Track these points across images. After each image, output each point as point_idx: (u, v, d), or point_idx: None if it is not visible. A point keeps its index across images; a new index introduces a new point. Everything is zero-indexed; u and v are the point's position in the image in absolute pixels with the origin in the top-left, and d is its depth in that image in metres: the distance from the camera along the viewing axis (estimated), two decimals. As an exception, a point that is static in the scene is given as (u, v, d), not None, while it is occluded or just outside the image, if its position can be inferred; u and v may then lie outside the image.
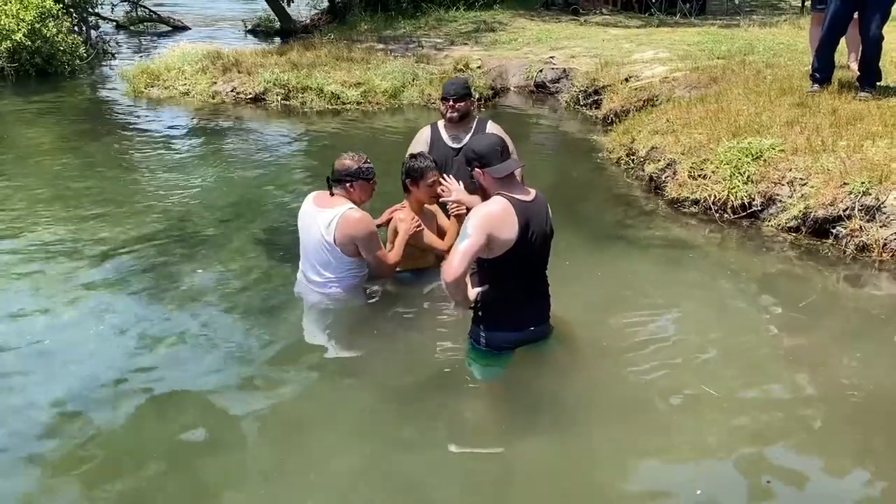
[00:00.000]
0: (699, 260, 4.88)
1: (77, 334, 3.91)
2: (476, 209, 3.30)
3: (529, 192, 3.36)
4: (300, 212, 4.05)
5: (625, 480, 2.99)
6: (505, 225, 3.20)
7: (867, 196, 4.75)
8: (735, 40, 9.68)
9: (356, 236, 3.81)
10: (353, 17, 13.84)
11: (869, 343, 3.85)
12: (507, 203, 3.23)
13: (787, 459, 3.05)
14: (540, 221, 3.32)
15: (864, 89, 6.34)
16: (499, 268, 3.29)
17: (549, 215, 3.43)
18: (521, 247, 3.24)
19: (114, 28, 15.09)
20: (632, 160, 6.40)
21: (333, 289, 3.98)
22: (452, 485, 2.93)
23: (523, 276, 3.37)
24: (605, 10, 14.10)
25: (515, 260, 3.27)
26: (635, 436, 3.17)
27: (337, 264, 3.91)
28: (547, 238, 3.41)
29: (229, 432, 3.20)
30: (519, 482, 2.94)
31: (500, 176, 3.27)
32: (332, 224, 3.80)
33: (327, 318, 4.08)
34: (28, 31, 10.18)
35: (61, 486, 2.91)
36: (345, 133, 8.06)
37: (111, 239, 5.02)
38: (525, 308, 3.44)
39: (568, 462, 3.04)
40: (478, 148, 3.34)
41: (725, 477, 2.97)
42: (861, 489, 2.91)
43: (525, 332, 3.48)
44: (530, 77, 9.72)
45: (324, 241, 3.85)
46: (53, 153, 7.21)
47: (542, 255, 3.43)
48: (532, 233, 3.27)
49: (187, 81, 9.50)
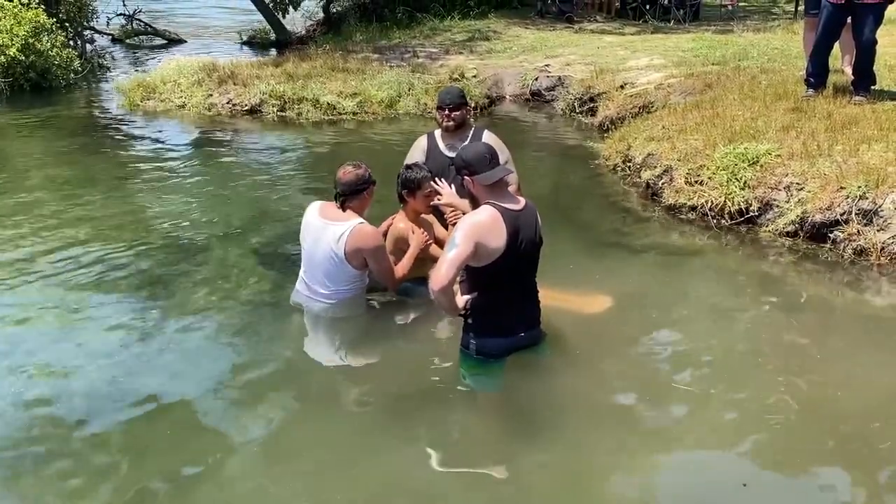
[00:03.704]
0: (696, 266, 4.87)
1: (69, 347, 3.89)
2: (464, 218, 3.33)
3: (519, 201, 3.37)
4: (304, 223, 4.02)
5: (617, 485, 2.98)
6: (493, 234, 3.22)
7: (864, 200, 4.75)
8: (729, 46, 9.70)
9: (366, 249, 3.83)
10: (348, 27, 13.84)
11: (867, 347, 3.84)
12: (495, 212, 3.25)
13: (784, 464, 3.04)
14: (529, 230, 3.35)
15: (858, 93, 6.35)
16: (488, 276, 3.31)
17: (538, 224, 3.45)
18: (510, 255, 3.27)
19: (109, 41, 15.08)
20: (628, 167, 6.40)
21: (337, 299, 3.98)
22: (451, 496, 2.91)
23: (512, 283, 3.39)
24: (599, 17, 14.13)
25: (504, 268, 3.29)
26: (630, 441, 3.17)
27: (343, 276, 3.92)
28: (536, 246, 3.43)
29: (227, 440, 3.18)
30: (515, 490, 2.93)
31: (488, 183, 3.30)
32: (342, 238, 3.81)
33: (329, 327, 4.08)
34: (22, 45, 10.14)
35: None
36: (341, 143, 8.06)
37: (106, 252, 4.99)
38: (514, 314, 3.45)
39: (562, 468, 3.03)
40: (466, 156, 3.39)
41: (725, 478, 2.97)
42: (848, 497, 2.91)
43: (516, 338, 3.48)
44: (526, 85, 9.72)
45: (333, 254, 3.85)
46: (49, 167, 7.19)
47: (531, 262, 3.44)
48: (521, 241, 3.28)
49: (183, 94, 9.48)
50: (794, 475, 3.01)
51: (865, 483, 2.93)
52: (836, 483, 2.97)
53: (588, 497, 2.94)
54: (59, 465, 3.07)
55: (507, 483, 2.98)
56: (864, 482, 2.94)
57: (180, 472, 3.03)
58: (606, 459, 3.10)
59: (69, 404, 3.41)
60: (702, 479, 3.02)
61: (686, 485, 2.98)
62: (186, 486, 2.95)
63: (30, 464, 3.07)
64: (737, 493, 2.89)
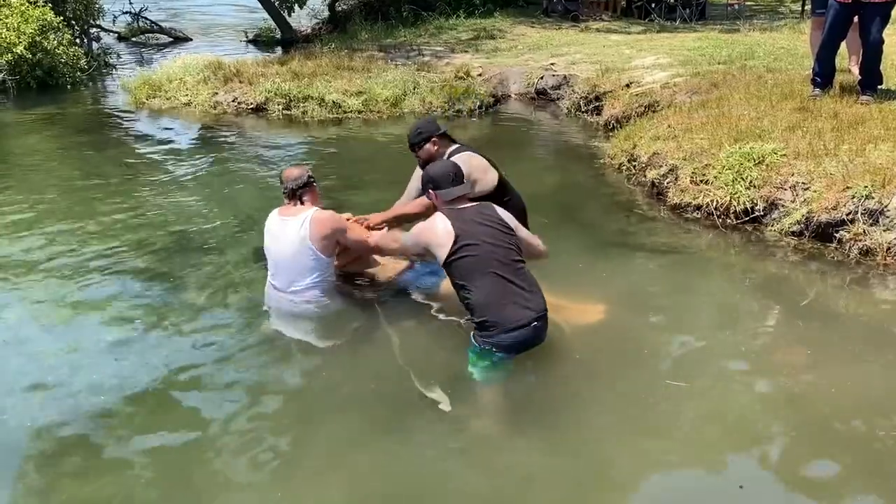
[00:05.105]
0: (701, 265, 4.86)
1: (71, 343, 3.92)
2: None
3: (467, 203, 3.75)
4: (265, 229, 4.12)
5: (617, 485, 2.99)
6: (436, 227, 3.62)
7: (870, 200, 4.73)
8: (735, 45, 9.67)
9: (330, 229, 3.98)
10: (353, 26, 13.87)
11: (872, 348, 3.83)
12: (440, 214, 3.69)
13: (782, 466, 3.04)
14: (480, 220, 3.62)
15: (865, 93, 6.32)
16: (462, 270, 3.54)
17: (496, 214, 3.69)
18: (466, 243, 3.52)
19: (115, 40, 15.13)
20: (633, 166, 6.39)
21: (315, 291, 4.04)
22: (451, 495, 2.91)
23: (492, 275, 3.51)
24: (605, 16, 14.12)
25: (471, 259, 3.51)
26: (629, 441, 3.17)
27: (316, 265, 4.01)
28: (498, 234, 3.60)
29: (224, 442, 3.19)
30: (515, 489, 2.93)
31: (448, 199, 3.71)
32: (304, 226, 3.96)
33: (329, 327, 4.09)
34: (29, 43, 10.19)
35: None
36: (346, 142, 8.07)
37: (110, 249, 5.01)
38: (506, 306, 3.50)
39: (563, 467, 3.04)
40: (433, 172, 3.80)
41: (722, 480, 2.98)
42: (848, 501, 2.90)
43: (516, 332, 3.50)
44: (531, 84, 9.72)
45: (300, 244, 3.96)
46: (54, 164, 7.22)
47: (501, 251, 3.56)
48: (470, 231, 3.56)
49: (189, 92, 9.51)
50: (791, 478, 2.99)
51: (866, 486, 2.92)
52: (834, 487, 2.96)
53: (587, 496, 2.93)
54: (61, 463, 3.08)
55: (508, 482, 2.98)
56: (864, 485, 2.92)
57: (174, 469, 3.04)
58: (607, 459, 3.09)
59: (70, 404, 3.42)
60: (698, 481, 3.02)
61: (682, 487, 2.98)
62: (185, 486, 2.96)
63: (33, 460, 3.08)
64: (733, 496, 2.89)
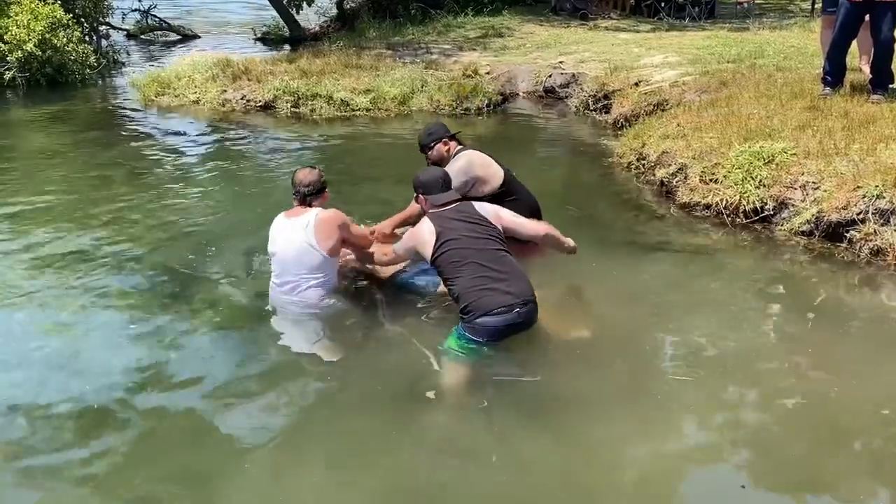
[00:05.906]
0: (710, 264, 4.84)
1: (76, 342, 3.94)
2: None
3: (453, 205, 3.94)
4: (271, 230, 4.14)
5: (617, 485, 2.99)
6: (422, 230, 3.85)
7: (881, 200, 4.71)
8: (745, 44, 9.63)
9: (335, 227, 4.03)
10: (361, 24, 13.85)
11: (882, 348, 3.81)
12: (425, 218, 3.92)
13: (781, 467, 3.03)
14: (458, 217, 3.83)
15: (876, 92, 6.29)
16: (445, 264, 3.73)
17: (474, 209, 3.89)
18: (447, 239, 3.74)
19: (124, 37, 15.16)
20: (642, 165, 6.37)
21: (319, 291, 4.08)
22: (451, 494, 2.91)
23: (472, 264, 3.68)
24: (613, 14, 14.07)
25: (451, 252, 3.72)
26: (630, 440, 3.18)
27: (321, 265, 4.05)
28: (477, 227, 3.80)
29: (224, 443, 3.21)
30: (515, 489, 2.93)
31: (437, 204, 3.92)
32: (308, 226, 4.00)
33: (328, 326, 4.10)
34: (39, 41, 10.23)
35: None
36: (355, 140, 8.07)
37: (118, 247, 5.04)
38: (486, 292, 3.63)
39: (563, 465, 3.05)
40: (423, 178, 4.04)
41: (724, 479, 2.97)
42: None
43: (497, 316, 3.59)
44: (539, 82, 9.70)
45: (305, 243, 3.99)
46: (63, 161, 7.24)
47: (480, 242, 3.75)
48: (450, 228, 3.77)
49: (197, 90, 9.52)
50: (794, 478, 2.98)
51: (870, 487, 2.90)
52: (837, 487, 2.95)
53: (587, 496, 2.93)
54: (64, 461, 3.10)
55: (507, 481, 2.97)
56: (869, 486, 2.91)
57: (184, 470, 3.05)
58: (607, 458, 3.10)
59: (72, 403, 3.44)
60: (699, 480, 3.02)
61: (684, 486, 2.98)
62: (190, 486, 2.98)
63: (40, 458, 3.10)
64: (735, 495, 2.89)
